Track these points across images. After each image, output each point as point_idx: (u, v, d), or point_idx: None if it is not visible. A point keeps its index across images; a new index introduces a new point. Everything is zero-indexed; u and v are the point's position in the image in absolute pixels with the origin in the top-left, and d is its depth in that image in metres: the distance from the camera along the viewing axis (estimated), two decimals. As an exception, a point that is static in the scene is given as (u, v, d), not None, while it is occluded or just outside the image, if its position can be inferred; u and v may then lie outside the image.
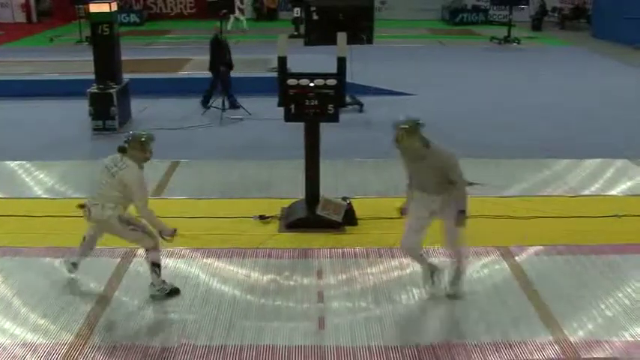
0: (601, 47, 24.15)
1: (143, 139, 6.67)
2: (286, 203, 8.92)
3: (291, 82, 8.06)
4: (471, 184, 7.24)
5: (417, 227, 6.81)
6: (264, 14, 33.22)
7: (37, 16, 33.65)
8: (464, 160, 10.58)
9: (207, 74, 14.91)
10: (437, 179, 6.53)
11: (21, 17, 33.11)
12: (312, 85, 8.03)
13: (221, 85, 14.41)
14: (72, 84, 15.78)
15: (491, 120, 13.98)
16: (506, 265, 7.53)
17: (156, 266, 6.84)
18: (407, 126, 6.52)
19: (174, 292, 6.92)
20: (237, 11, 27.77)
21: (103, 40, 13.35)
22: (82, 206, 6.79)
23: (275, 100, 8.41)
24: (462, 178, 6.58)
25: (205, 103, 14.58)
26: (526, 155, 11.39)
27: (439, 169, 6.48)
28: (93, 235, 7.12)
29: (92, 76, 13.69)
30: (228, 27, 26.92)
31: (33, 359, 5.94)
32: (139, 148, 6.62)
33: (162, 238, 6.76)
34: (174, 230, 6.78)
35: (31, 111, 15.00)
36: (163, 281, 6.89)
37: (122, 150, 6.68)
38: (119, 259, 7.68)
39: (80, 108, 13.39)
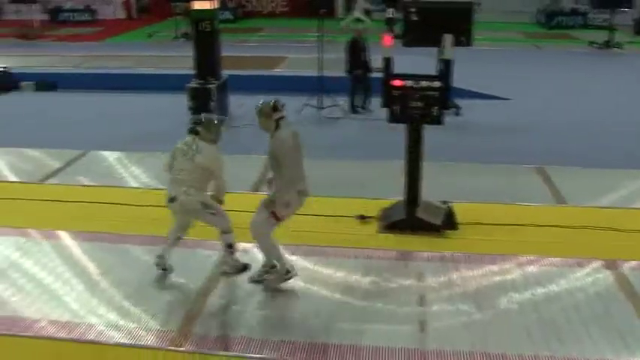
0: None
1: (216, 122, 6.90)
2: (384, 204, 8.89)
3: (397, 83, 8.00)
4: None
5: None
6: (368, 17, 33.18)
7: (137, 13, 34.66)
8: (562, 169, 10.51)
9: (304, 72, 15.01)
10: None
11: (121, 13, 34.19)
12: (417, 86, 7.96)
13: (362, 86, 14.44)
14: (171, 78, 16.22)
15: (590, 128, 13.57)
16: (613, 279, 7.29)
17: (230, 247, 7.10)
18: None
19: (244, 268, 7.20)
20: (357, 11, 27.95)
21: (204, 37, 13.64)
22: (173, 200, 6.91)
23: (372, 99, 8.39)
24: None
25: (354, 108, 14.58)
26: (630, 166, 11.00)
27: None
28: (179, 225, 7.22)
29: (191, 71, 13.99)
30: (341, 24, 27.12)
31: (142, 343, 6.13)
32: (212, 131, 6.85)
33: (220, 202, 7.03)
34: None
35: (130, 104, 15.48)
36: (236, 259, 7.19)
37: (195, 132, 6.80)
38: (216, 252, 7.80)
39: (178, 102, 13.70)
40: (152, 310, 6.66)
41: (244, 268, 7.25)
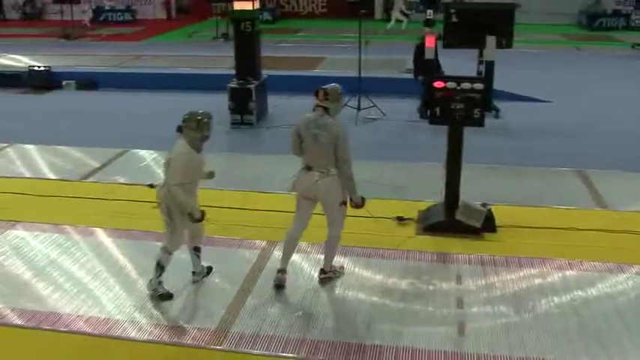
0: None
1: (199, 117, 6.50)
2: (421, 206, 8.87)
3: (438, 84, 7.98)
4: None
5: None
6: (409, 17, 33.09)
7: (176, 13, 35.03)
8: (603, 173, 10.36)
9: (342, 73, 15.01)
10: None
11: (161, 14, 34.59)
12: (459, 88, 7.93)
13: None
14: (211, 78, 16.36)
15: (631, 132, 13.36)
16: (653, 283, 7.20)
17: (160, 267, 6.76)
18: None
19: (165, 296, 6.82)
20: (399, 12, 28.05)
21: (245, 37, 13.76)
22: (151, 186, 6.78)
23: (410, 101, 8.37)
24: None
25: (421, 113, 13.99)
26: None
27: None
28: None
29: (230, 72, 14.11)
30: (388, 27, 27.20)
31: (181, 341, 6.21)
32: (194, 127, 6.47)
33: (191, 219, 6.58)
34: (203, 213, 6.60)
35: (170, 103, 15.55)
36: (160, 283, 6.82)
37: (179, 129, 6.55)
38: (259, 251, 7.87)
39: (218, 102, 13.77)
40: (189, 309, 6.75)
41: (168, 296, 6.82)
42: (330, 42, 24.65)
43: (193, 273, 7.20)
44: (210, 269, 7.31)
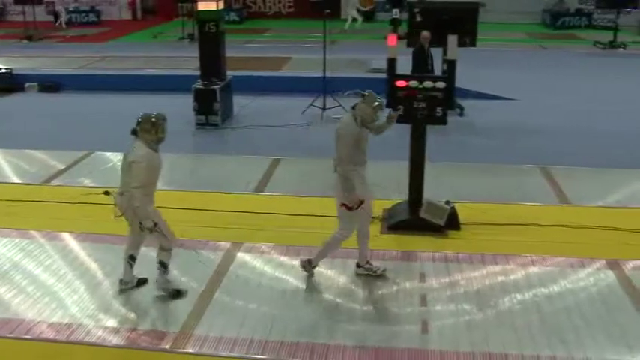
0: None
1: (153, 119, 6.43)
2: (387, 205, 8.89)
3: (401, 83, 8.00)
4: None
5: None
6: (368, 16, 33.19)
7: (142, 14, 34.74)
8: (566, 169, 10.50)
9: (308, 73, 15.01)
10: None
11: (127, 14, 34.27)
12: (421, 86, 7.96)
13: None
14: (175, 79, 16.25)
15: (595, 128, 13.54)
16: (615, 279, 7.28)
17: (163, 265, 6.77)
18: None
19: (178, 293, 6.85)
20: (355, 11, 28.11)
21: (209, 38, 13.68)
22: (107, 193, 6.69)
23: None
24: None
25: None
26: (633, 166, 10.98)
27: None
28: (132, 233, 6.86)
29: (195, 72, 14.03)
30: (346, 27, 27.22)
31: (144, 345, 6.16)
32: (149, 130, 6.40)
33: (141, 228, 6.53)
34: (155, 224, 6.47)
35: (134, 105, 15.33)
36: (167, 280, 6.86)
37: (134, 133, 6.47)
38: (223, 252, 7.83)
39: (182, 103, 13.73)
40: (153, 312, 6.70)
41: (177, 293, 6.88)
42: (296, 42, 24.63)
43: (120, 281, 7.02)
44: (144, 281, 7.10)
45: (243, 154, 11.71)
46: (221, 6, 13.77)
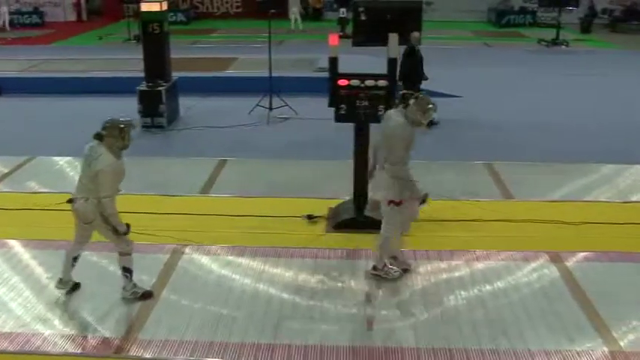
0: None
1: (122, 126, 6.32)
2: (333, 203, 8.92)
3: (342, 82, 8.03)
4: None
5: None
6: (309, 14, 33.29)
7: (87, 15, 34.23)
8: (510, 164, 10.67)
9: (254, 73, 14.95)
10: None
11: (72, 16, 33.74)
12: (363, 85, 8.00)
13: None
14: (121, 82, 16.01)
15: (538, 123, 13.79)
16: (557, 271, 7.42)
17: (127, 271, 6.73)
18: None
19: (146, 295, 6.83)
20: (295, 11, 28.10)
21: (153, 39, 13.52)
22: (71, 201, 6.55)
23: (321, 100, 8.42)
24: None
25: None
26: (575, 159, 11.22)
27: None
28: (78, 236, 6.76)
29: (141, 74, 13.86)
30: (292, 26, 27.18)
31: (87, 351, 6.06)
32: (116, 135, 6.28)
33: (115, 234, 6.48)
34: (128, 227, 6.51)
35: (80, 108, 15.21)
36: (135, 285, 6.82)
37: (98, 137, 6.34)
38: (168, 255, 7.76)
39: (128, 105, 13.54)
40: (97, 317, 6.58)
41: (148, 295, 6.85)
42: (243, 42, 24.56)
43: (60, 280, 6.90)
44: (77, 286, 6.99)
45: (190, 156, 11.61)
46: (165, 7, 13.62)
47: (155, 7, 13.39)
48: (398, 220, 7.08)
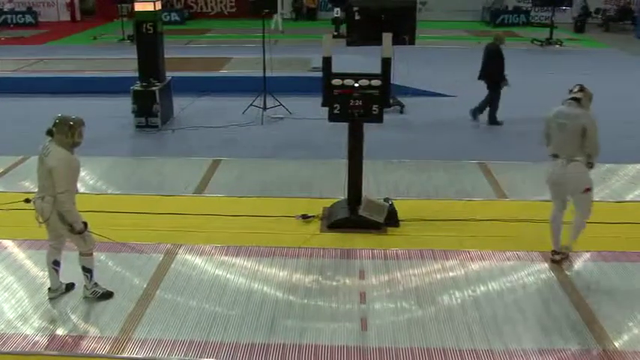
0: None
1: (71, 123, 6.30)
2: (327, 203, 8.92)
3: (336, 82, 8.04)
4: None
5: None
6: (303, 14, 33.28)
7: (81, 15, 34.12)
8: (503, 164, 10.69)
9: (248, 73, 14.92)
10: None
11: (65, 16, 33.57)
12: (356, 85, 8.01)
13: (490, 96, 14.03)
14: (115, 81, 15.99)
15: (532, 122, 13.76)
16: (550, 270, 7.44)
17: (87, 271, 6.69)
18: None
19: (106, 295, 6.79)
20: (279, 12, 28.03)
21: (147, 39, 13.48)
22: (27, 200, 6.53)
23: (315, 99, 8.42)
24: None
25: (475, 114, 14.14)
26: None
27: None
28: (51, 238, 6.70)
29: (135, 74, 13.84)
30: (272, 26, 27.08)
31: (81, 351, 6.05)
32: (66, 132, 6.27)
33: (72, 232, 6.42)
34: (86, 225, 6.46)
35: (74, 107, 15.02)
36: (96, 284, 6.78)
37: (50, 133, 6.33)
38: (162, 255, 7.75)
39: (123, 105, 13.56)
40: (91, 317, 6.58)
41: (108, 295, 6.80)
42: (238, 42, 24.52)
43: (49, 290, 6.87)
44: (71, 286, 6.97)
45: (184, 156, 11.60)
46: (159, 7, 13.58)
47: (149, 7, 13.36)
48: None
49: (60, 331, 6.34)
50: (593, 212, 7.38)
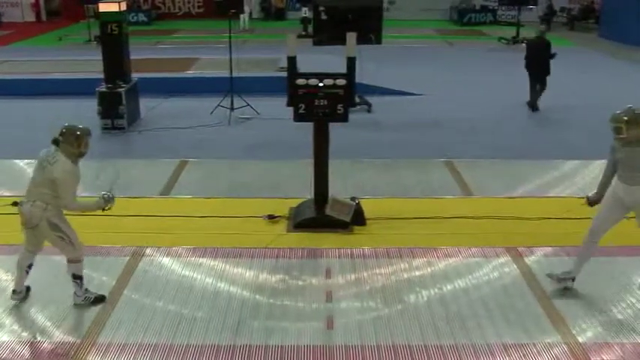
0: (608, 48, 24.06)
1: (78, 133, 6.28)
2: (294, 203, 8.92)
3: (300, 81, 8.05)
4: None
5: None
6: (272, 14, 33.25)
7: (46, 16, 33.74)
8: (469, 162, 10.78)
9: (216, 74, 14.86)
10: None
11: (30, 16, 33.21)
12: (321, 84, 8.02)
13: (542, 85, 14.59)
14: (81, 83, 15.83)
15: (499, 120, 13.97)
16: (515, 266, 7.51)
17: (77, 278, 6.66)
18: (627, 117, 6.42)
19: (98, 299, 6.77)
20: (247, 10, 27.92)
21: (112, 40, 13.39)
22: (15, 204, 6.46)
23: (284, 99, 8.41)
24: None
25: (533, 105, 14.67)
26: (533, 156, 11.37)
27: None
28: (27, 243, 6.63)
29: (101, 76, 13.72)
30: (240, 26, 26.99)
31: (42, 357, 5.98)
32: (72, 142, 6.25)
33: (104, 209, 6.60)
34: (112, 198, 6.62)
35: (40, 110, 15.01)
36: (87, 290, 6.76)
37: (55, 142, 6.30)
38: (128, 257, 7.70)
39: (88, 107, 13.40)
40: (55, 322, 6.50)
41: (100, 299, 6.78)
42: (205, 42, 24.43)
43: (14, 292, 6.77)
44: (28, 289, 6.89)
45: (151, 157, 11.53)
46: (124, 7, 13.50)
47: (114, 8, 13.27)
48: None
49: (23, 337, 6.26)
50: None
